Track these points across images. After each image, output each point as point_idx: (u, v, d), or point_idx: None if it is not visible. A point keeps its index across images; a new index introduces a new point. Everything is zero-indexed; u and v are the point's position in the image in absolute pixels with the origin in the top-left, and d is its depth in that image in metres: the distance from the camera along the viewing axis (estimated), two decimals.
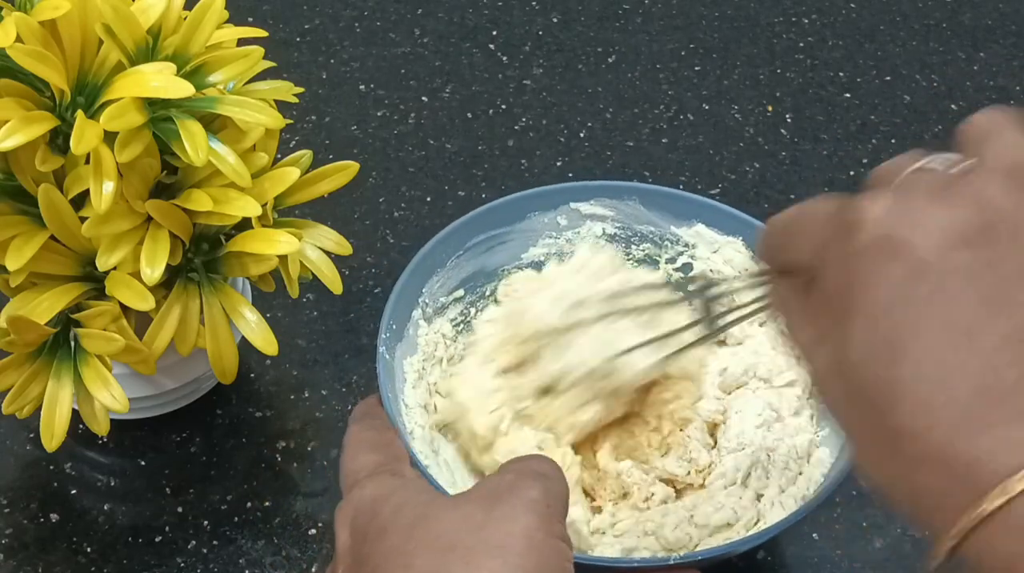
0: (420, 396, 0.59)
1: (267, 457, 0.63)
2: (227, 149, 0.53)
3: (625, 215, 0.65)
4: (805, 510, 0.53)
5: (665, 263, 0.66)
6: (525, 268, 0.65)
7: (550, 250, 0.65)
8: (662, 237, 0.65)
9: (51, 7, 0.50)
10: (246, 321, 0.57)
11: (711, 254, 0.65)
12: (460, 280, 0.63)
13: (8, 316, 0.52)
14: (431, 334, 0.61)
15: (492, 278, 0.64)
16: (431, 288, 0.61)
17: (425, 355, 0.61)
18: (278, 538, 0.60)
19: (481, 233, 0.63)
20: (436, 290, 0.62)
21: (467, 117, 0.81)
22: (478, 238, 0.63)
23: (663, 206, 0.65)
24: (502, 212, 0.63)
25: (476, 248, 0.63)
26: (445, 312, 0.62)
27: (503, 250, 0.64)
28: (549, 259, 0.65)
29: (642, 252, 0.66)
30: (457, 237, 0.62)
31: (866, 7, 0.90)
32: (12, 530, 0.60)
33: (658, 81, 0.84)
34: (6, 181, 0.53)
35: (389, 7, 0.89)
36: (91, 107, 0.52)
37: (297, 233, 0.56)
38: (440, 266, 0.61)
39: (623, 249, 0.65)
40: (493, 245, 0.64)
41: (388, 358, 0.57)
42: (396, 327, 0.58)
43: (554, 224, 0.65)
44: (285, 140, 0.76)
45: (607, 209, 0.65)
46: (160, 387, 0.61)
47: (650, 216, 0.65)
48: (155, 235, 0.53)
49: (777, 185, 0.78)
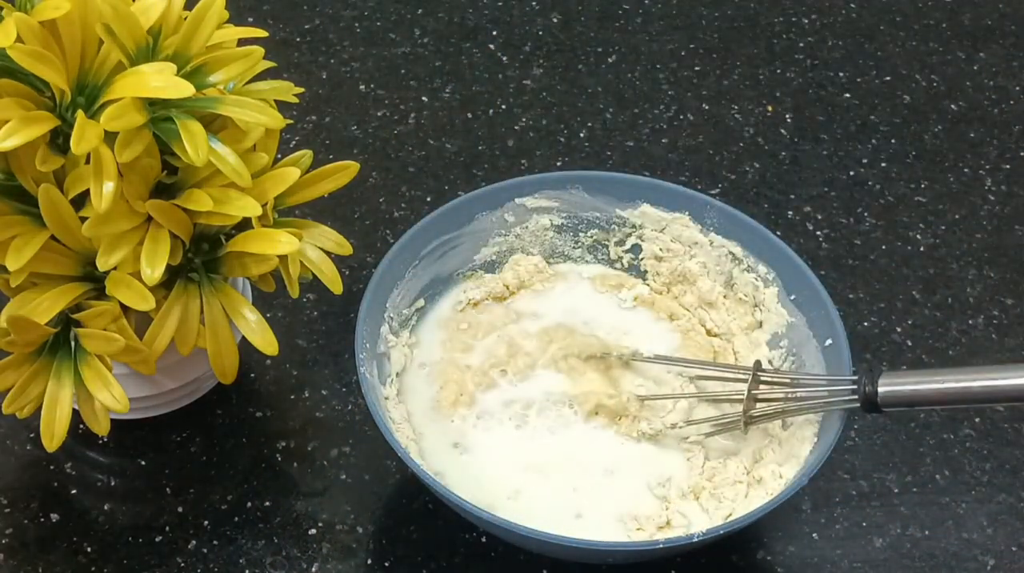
0: (403, 411, 0.61)
1: (267, 457, 0.63)
2: (227, 149, 0.53)
3: (570, 204, 0.66)
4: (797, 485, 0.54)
5: (615, 246, 0.67)
6: (478, 269, 0.66)
7: (501, 248, 0.66)
8: (608, 221, 0.66)
9: (51, 7, 0.50)
10: (246, 321, 0.57)
11: (659, 233, 0.66)
12: (419, 290, 0.64)
13: (8, 316, 0.52)
14: (400, 347, 0.62)
15: (449, 284, 0.66)
16: (394, 302, 0.62)
17: (399, 368, 0.62)
18: (278, 538, 0.60)
19: (433, 240, 0.64)
20: (399, 303, 0.63)
21: (467, 117, 0.81)
22: (430, 246, 0.64)
23: (606, 190, 0.66)
24: (450, 216, 0.64)
25: (430, 256, 0.64)
26: (408, 323, 0.63)
27: (455, 254, 0.65)
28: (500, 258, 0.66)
29: (590, 238, 0.67)
30: (411, 247, 0.63)
31: (866, 7, 0.90)
32: (12, 530, 0.60)
33: (658, 81, 0.84)
34: (6, 181, 0.53)
35: (389, 7, 0.89)
36: (91, 107, 0.52)
37: (297, 233, 0.56)
38: (399, 278, 0.62)
39: (571, 237, 0.66)
40: (445, 251, 0.65)
41: (369, 378, 0.57)
42: (370, 346, 0.59)
43: (502, 222, 0.66)
44: (285, 140, 0.76)
45: (552, 201, 0.66)
46: (160, 387, 0.61)
47: (595, 202, 0.66)
48: (155, 235, 0.53)
49: (777, 185, 0.78)
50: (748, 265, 0.64)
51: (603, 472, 0.59)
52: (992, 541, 0.61)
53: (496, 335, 0.64)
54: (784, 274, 0.62)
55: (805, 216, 0.75)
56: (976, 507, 0.62)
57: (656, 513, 0.57)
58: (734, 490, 0.58)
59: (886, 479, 0.63)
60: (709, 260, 0.65)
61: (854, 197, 0.77)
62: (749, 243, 0.64)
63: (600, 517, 0.57)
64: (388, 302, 0.61)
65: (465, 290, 0.66)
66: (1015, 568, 0.60)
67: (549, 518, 0.56)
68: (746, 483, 0.58)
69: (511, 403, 0.61)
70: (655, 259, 0.67)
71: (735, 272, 0.64)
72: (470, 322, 0.65)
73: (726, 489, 0.58)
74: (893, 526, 0.61)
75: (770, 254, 0.63)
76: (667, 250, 0.66)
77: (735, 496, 0.57)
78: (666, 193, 0.65)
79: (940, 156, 0.80)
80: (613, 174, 0.67)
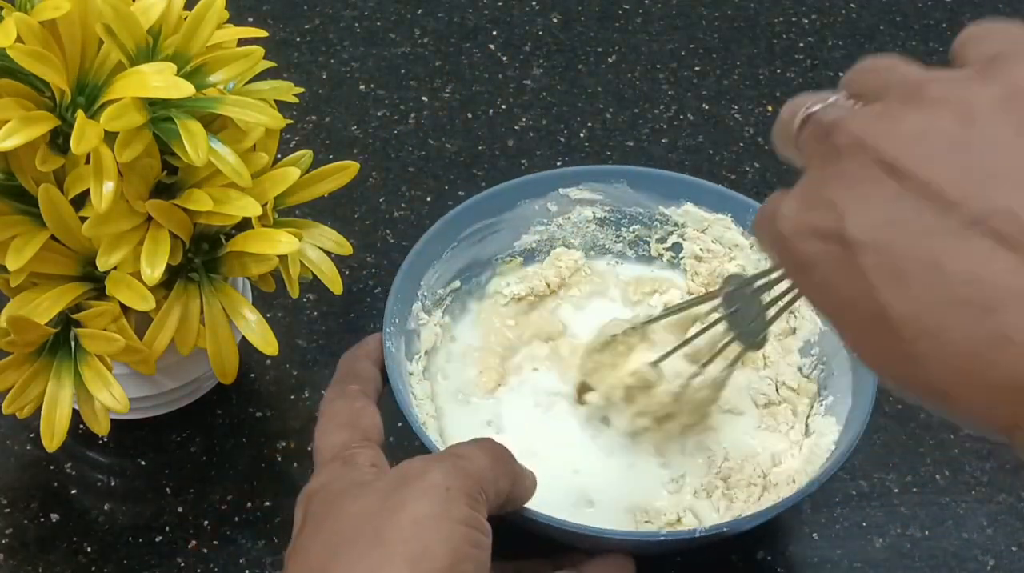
0: (427, 388, 0.61)
1: (267, 457, 0.63)
2: (227, 149, 0.53)
3: (614, 198, 0.66)
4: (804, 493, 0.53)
5: (656, 242, 0.66)
6: (517, 255, 0.66)
7: (542, 237, 0.66)
8: (651, 218, 0.66)
9: (51, 7, 0.50)
10: (246, 321, 0.57)
11: (700, 233, 0.66)
12: (456, 271, 0.64)
13: (8, 316, 0.52)
14: (431, 325, 0.62)
15: (487, 267, 0.65)
16: (429, 281, 0.62)
17: (428, 346, 0.62)
18: (278, 538, 0.60)
19: (474, 223, 0.64)
20: (434, 282, 0.62)
21: (467, 117, 0.81)
22: (471, 228, 0.64)
23: (651, 187, 0.65)
24: (494, 201, 0.64)
25: (470, 238, 0.64)
26: (443, 303, 0.63)
27: (495, 239, 0.65)
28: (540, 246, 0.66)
29: (632, 234, 0.67)
30: (452, 228, 0.62)
31: (866, 7, 0.90)
32: (12, 530, 0.60)
33: (658, 81, 0.84)
34: (6, 181, 0.53)
35: (389, 7, 0.89)
36: (91, 107, 0.52)
37: (297, 233, 0.56)
38: (437, 258, 0.62)
39: (613, 231, 0.66)
40: (486, 235, 0.64)
41: (395, 351, 0.57)
42: (399, 321, 0.59)
43: (544, 211, 0.65)
44: (285, 140, 0.76)
45: (595, 193, 0.66)
46: (160, 387, 0.61)
47: (638, 198, 0.66)
48: (155, 235, 0.53)
49: (777, 185, 0.77)
50: None
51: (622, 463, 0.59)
52: (992, 541, 0.61)
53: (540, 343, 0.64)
54: None
55: None
56: (976, 507, 0.62)
57: (667, 508, 0.57)
58: (747, 492, 0.58)
59: (886, 479, 0.63)
60: (748, 263, 0.65)
61: None
62: None
63: (611, 506, 0.57)
64: (423, 280, 0.61)
65: (508, 283, 0.66)
66: (1015, 568, 0.60)
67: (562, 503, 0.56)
68: (761, 486, 0.58)
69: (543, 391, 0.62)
70: (695, 259, 0.66)
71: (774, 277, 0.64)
72: (517, 321, 0.65)
73: (739, 491, 0.58)
74: (893, 526, 0.61)
75: None
76: (708, 251, 0.65)
77: (747, 497, 0.57)
78: (710, 193, 0.65)
79: None
80: (660, 171, 0.67)
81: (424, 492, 0.44)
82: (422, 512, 0.43)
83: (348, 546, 0.42)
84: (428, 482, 0.44)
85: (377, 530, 0.43)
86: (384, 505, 0.44)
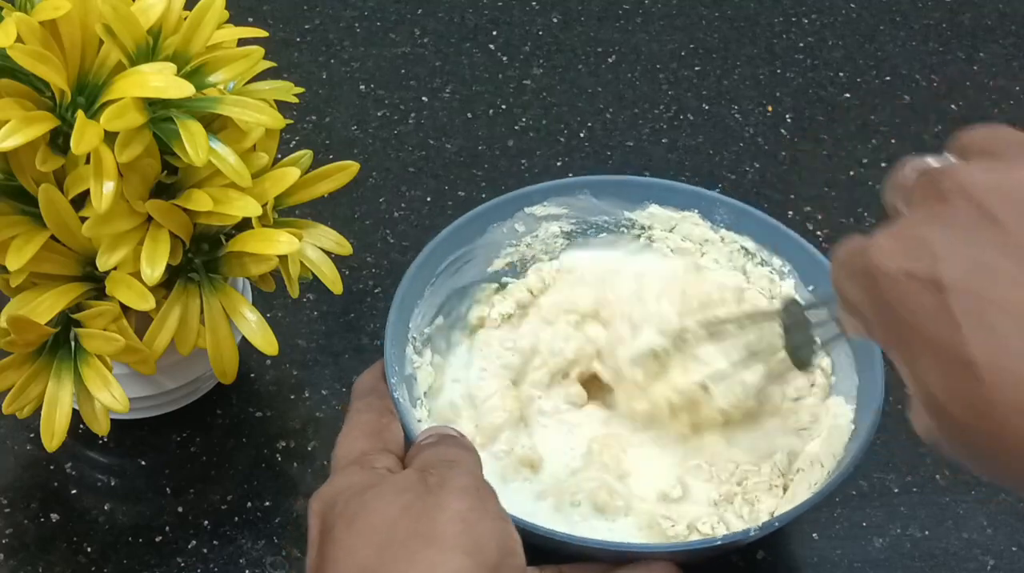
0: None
1: (267, 457, 0.63)
2: (227, 149, 0.53)
3: (578, 210, 0.66)
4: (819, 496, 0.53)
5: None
6: (492, 282, 0.66)
7: (513, 258, 0.66)
8: (617, 224, 0.66)
9: (51, 7, 0.50)
10: (246, 321, 0.57)
11: (668, 232, 0.66)
12: (437, 307, 0.63)
13: (8, 316, 0.52)
14: (424, 366, 0.62)
15: (465, 297, 0.65)
16: (416, 321, 0.61)
17: (425, 387, 0.61)
18: (278, 538, 0.60)
19: (449, 255, 0.63)
20: (420, 322, 0.62)
21: (467, 117, 0.81)
22: (446, 262, 0.63)
23: (614, 193, 0.66)
24: (465, 231, 0.63)
25: (446, 272, 0.63)
26: (429, 342, 0.62)
27: (470, 268, 0.65)
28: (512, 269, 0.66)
29: (601, 242, 0.66)
30: (429, 265, 0.62)
31: (866, 7, 0.90)
32: (12, 530, 0.60)
33: (658, 81, 0.84)
34: (6, 181, 0.53)
35: (389, 7, 0.89)
36: (91, 107, 0.52)
37: (297, 233, 0.56)
38: (419, 298, 0.62)
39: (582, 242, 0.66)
40: (460, 265, 0.64)
41: (403, 402, 0.56)
42: (398, 369, 0.58)
43: (512, 232, 0.65)
44: (285, 140, 0.76)
45: (560, 207, 0.66)
46: (160, 387, 0.61)
47: (602, 206, 0.66)
48: (155, 235, 0.53)
49: (777, 185, 0.78)
50: (762, 258, 0.64)
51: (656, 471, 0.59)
52: (992, 541, 0.61)
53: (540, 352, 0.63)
54: (800, 265, 0.62)
55: (805, 216, 0.75)
56: (976, 507, 0.62)
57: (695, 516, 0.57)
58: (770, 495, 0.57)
59: (886, 479, 0.63)
60: (721, 256, 0.65)
61: (854, 197, 0.77)
62: (761, 237, 0.64)
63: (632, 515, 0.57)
64: (411, 322, 0.61)
65: (493, 305, 0.65)
66: (1015, 568, 0.60)
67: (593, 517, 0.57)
68: (782, 486, 0.58)
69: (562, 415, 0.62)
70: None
71: (749, 266, 0.64)
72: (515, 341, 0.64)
73: (760, 493, 0.58)
74: (893, 526, 0.61)
75: (784, 246, 0.63)
76: (678, 249, 0.66)
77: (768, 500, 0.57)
78: (674, 192, 0.65)
79: None
80: (620, 177, 0.67)
81: (462, 491, 0.45)
82: (465, 509, 0.44)
83: (398, 545, 0.43)
84: (459, 483, 0.45)
85: (427, 528, 0.43)
86: (425, 504, 0.44)
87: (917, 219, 0.38)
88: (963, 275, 0.35)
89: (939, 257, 0.36)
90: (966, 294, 0.35)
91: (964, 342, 0.34)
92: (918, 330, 0.36)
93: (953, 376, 0.35)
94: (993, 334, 0.34)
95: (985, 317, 0.34)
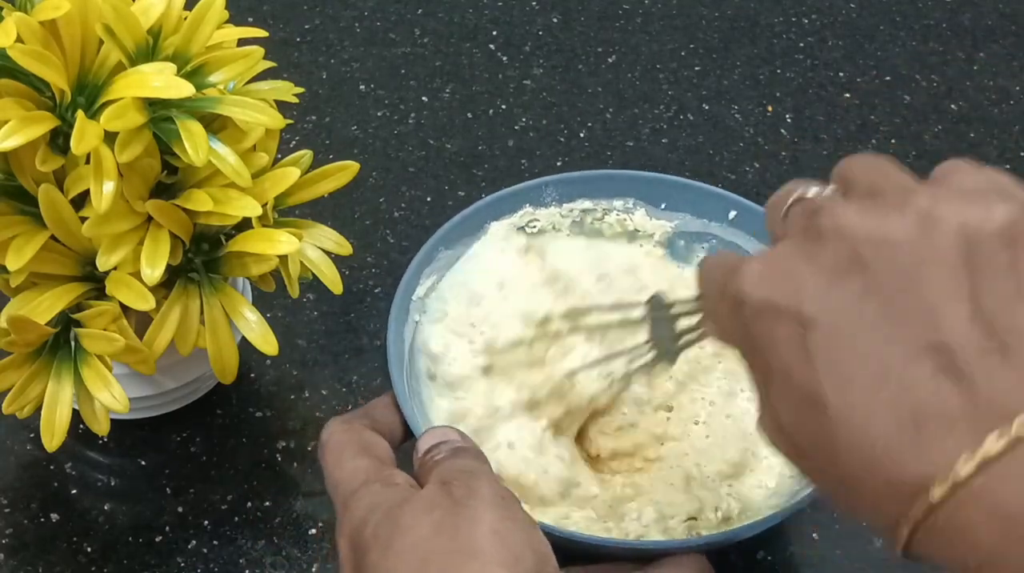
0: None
1: (267, 457, 0.63)
2: (227, 149, 0.53)
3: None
4: None
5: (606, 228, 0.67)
6: None
7: None
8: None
9: (51, 7, 0.50)
10: (246, 321, 0.57)
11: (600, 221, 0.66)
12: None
13: (8, 316, 0.52)
14: None
15: None
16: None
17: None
18: (278, 538, 0.60)
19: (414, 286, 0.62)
20: None
21: (467, 117, 0.81)
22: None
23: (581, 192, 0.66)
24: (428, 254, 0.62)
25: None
26: None
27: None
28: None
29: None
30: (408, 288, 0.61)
31: (866, 7, 0.90)
32: (12, 530, 0.60)
33: (658, 81, 0.84)
34: (6, 181, 0.53)
35: (389, 7, 0.89)
36: (91, 107, 0.52)
37: (297, 233, 0.56)
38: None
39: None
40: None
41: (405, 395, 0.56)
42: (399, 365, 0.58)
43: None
44: (285, 140, 0.76)
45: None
46: (160, 387, 0.61)
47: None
48: (155, 235, 0.53)
49: (777, 185, 0.76)
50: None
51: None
52: None
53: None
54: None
55: None
56: None
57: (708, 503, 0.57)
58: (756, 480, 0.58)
59: None
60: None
61: None
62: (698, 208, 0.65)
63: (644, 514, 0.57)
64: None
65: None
66: None
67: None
68: None
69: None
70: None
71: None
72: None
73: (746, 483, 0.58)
74: None
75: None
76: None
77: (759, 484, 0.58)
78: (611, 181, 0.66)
79: (940, 156, 0.79)
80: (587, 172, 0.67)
81: (490, 502, 0.44)
82: (496, 520, 0.44)
83: (438, 564, 0.42)
84: (485, 493, 0.45)
85: (464, 543, 0.43)
86: (457, 518, 0.44)
87: (790, 252, 0.38)
88: (825, 316, 0.36)
89: (805, 294, 0.36)
90: (825, 334, 0.36)
91: (816, 379, 0.36)
92: (775, 358, 0.37)
93: (802, 409, 0.36)
94: (844, 376, 0.35)
95: (840, 359, 0.35)
